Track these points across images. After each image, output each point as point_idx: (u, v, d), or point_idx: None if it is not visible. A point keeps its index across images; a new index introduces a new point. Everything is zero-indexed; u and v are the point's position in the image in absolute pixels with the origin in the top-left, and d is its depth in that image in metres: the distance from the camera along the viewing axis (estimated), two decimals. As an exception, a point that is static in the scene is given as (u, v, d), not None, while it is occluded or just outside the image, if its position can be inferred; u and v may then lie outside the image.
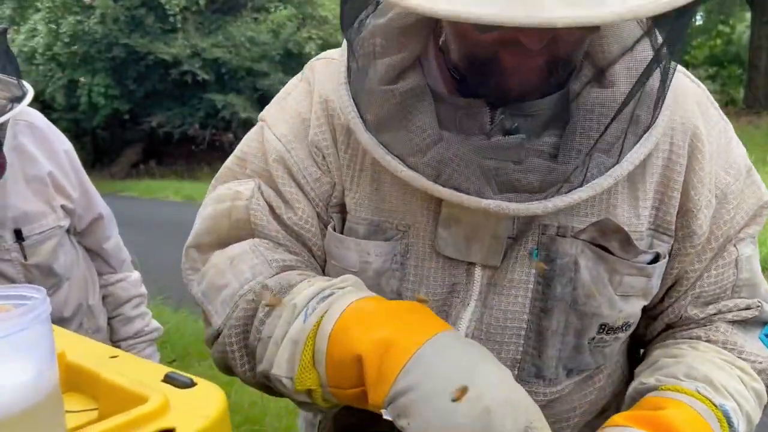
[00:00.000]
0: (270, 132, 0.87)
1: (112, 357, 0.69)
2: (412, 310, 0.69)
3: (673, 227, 0.79)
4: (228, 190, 0.88)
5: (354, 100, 0.78)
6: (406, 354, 0.62)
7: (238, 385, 2.85)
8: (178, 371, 0.64)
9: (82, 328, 1.64)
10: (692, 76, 0.84)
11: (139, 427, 0.55)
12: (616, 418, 0.72)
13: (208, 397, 0.60)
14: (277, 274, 0.81)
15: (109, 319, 1.74)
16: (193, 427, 0.56)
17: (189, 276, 0.89)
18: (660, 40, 0.70)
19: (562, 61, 0.72)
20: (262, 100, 13.67)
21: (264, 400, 3.09)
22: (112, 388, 0.62)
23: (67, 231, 1.59)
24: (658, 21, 0.67)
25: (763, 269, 0.88)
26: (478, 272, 0.78)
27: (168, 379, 0.63)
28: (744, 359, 0.82)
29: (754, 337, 0.84)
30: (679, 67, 0.78)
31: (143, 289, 1.78)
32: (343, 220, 0.85)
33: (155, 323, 1.81)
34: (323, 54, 0.91)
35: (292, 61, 14.53)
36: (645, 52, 0.74)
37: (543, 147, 0.75)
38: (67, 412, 0.60)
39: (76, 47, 14.61)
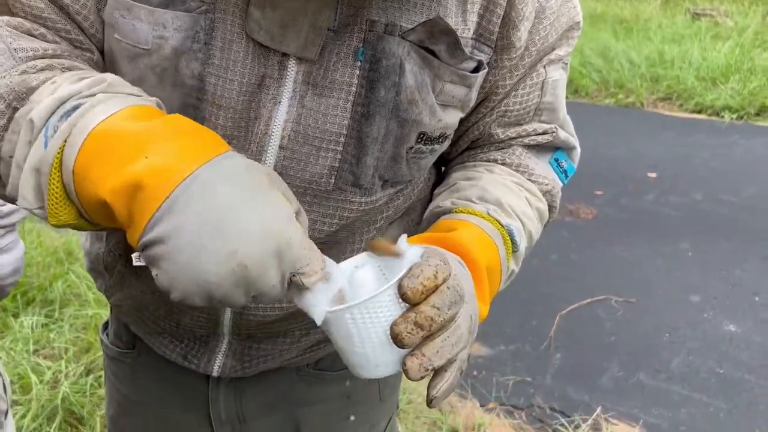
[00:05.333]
0: None
1: None
2: (177, 130, 0.58)
3: (495, 37, 0.76)
4: None
5: None
6: (154, 200, 0.53)
7: None
8: None
9: None
10: None
11: None
12: (411, 239, 0.70)
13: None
14: (22, 69, 0.65)
15: None
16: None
17: None
18: None
19: None
20: None
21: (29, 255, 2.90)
22: None
23: None
24: None
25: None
26: (292, 66, 0.70)
27: None
28: (533, 181, 0.85)
29: (545, 161, 0.87)
30: None
31: None
32: None
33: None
34: None
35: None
36: None
37: None
38: None
39: None
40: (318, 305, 0.59)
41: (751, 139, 4.70)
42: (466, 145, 0.89)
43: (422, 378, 0.58)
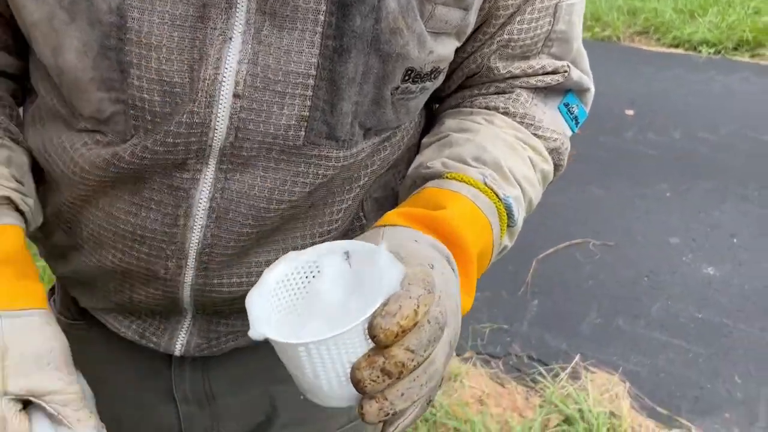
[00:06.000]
0: None
1: None
2: None
3: None
4: None
5: None
6: None
7: None
8: None
9: None
10: None
11: None
12: (391, 215, 0.61)
13: None
14: None
15: None
16: None
17: None
18: None
19: None
20: None
21: None
22: None
23: None
24: None
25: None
26: None
27: None
28: (539, 136, 0.73)
29: (554, 108, 0.74)
30: None
31: None
32: None
33: None
34: None
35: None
36: None
37: None
38: None
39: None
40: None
41: (728, 75, 4.61)
42: (461, 81, 0.74)
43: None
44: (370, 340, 0.47)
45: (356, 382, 0.47)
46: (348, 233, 0.74)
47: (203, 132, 0.59)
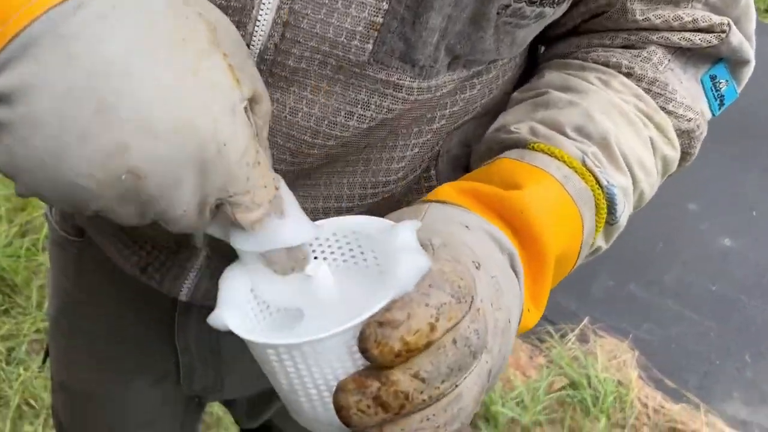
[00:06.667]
0: None
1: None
2: None
3: None
4: None
5: None
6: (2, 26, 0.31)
7: None
8: None
9: None
10: None
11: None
12: (446, 188, 0.48)
13: None
14: None
15: None
16: None
17: None
18: None
19: None
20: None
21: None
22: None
23: None
24: None
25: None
26: None
27: None
28: (669, 112, 0.57)
29: (695, 78, 0.59)
30: None
31: None
32: None
33: None
34: None
35: None
36: None
37: None
38: None
39: None
40: (247, 263, 0.40)
41: (759, 37, 4.42)
42: (582, 20, 0.58)
43: None
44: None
45: (338, 408, 0.34)
46: (408, 196, 0.59)
47: (241, 21, 0.45)
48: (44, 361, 0.85)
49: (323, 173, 0.53)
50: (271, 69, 0.46)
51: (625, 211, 0.53)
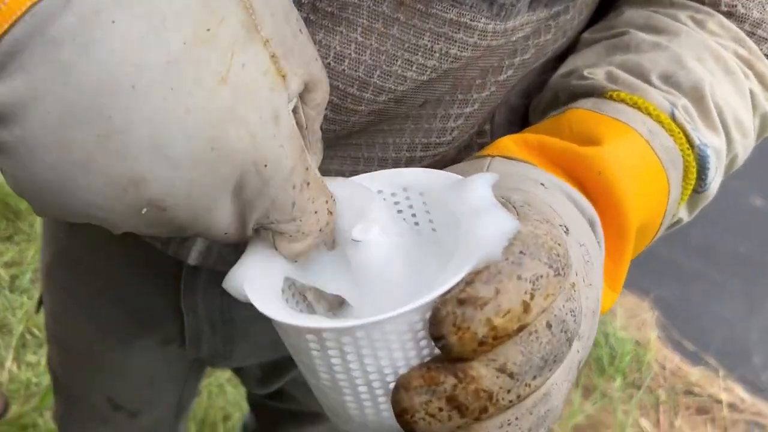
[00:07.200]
0: None
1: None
2: None
3: None
4: None
5: None
6: None
7: None
8: None
9: None
10: None
11: None
12: (506, 141, 0.40)
13: None
14: None
15: None
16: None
17: None
18: None
19: None
20: None
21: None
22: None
23: None
24: None
25: None
26: None
27: None
28: None
29: None
30: None
31: None
32: None
33: None
34: None
35: None
36: None
37: None
38: None
39: None
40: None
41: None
42: None
43: None
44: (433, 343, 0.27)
45: (399, 411, 0.27)
46: (461, 154, 0.50)
47: None
48: (38, 311, 0.79)
49: (367, 132, 0.45)
50: (313, 2, 0.37)
51: (716, 177, 0.44)
